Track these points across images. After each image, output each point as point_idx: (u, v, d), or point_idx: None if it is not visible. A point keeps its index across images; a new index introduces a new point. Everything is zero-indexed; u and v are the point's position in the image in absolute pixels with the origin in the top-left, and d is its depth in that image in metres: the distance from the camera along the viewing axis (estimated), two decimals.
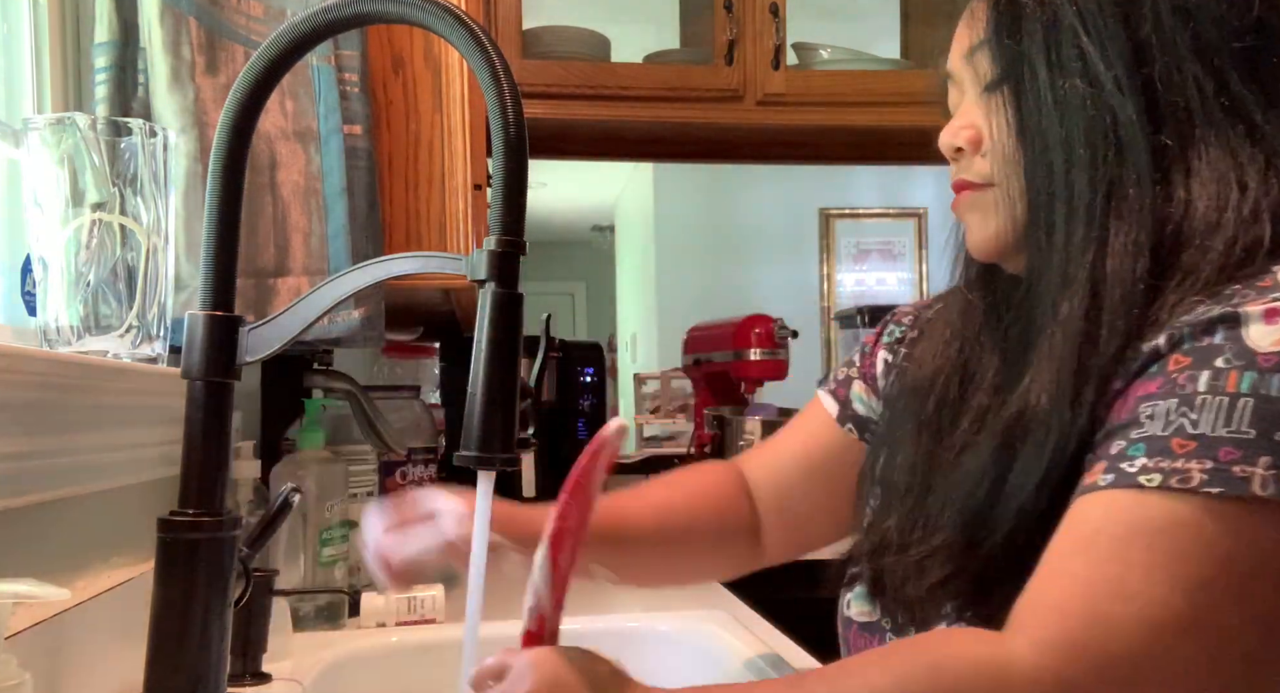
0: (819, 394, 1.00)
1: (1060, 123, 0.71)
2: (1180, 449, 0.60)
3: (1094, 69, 0.70)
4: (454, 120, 1.22)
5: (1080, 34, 0.70)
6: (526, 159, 0.61)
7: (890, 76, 2.00)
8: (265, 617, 0.99)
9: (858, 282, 5.40)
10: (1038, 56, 0.72)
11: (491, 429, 0.60)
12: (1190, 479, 0.59)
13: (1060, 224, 0.71)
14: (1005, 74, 0.74)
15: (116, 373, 0.81)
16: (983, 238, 0.79)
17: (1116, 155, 0.69)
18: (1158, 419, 0.62)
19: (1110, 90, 0.69)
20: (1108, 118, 0.69)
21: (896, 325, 0.97)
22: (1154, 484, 0.60)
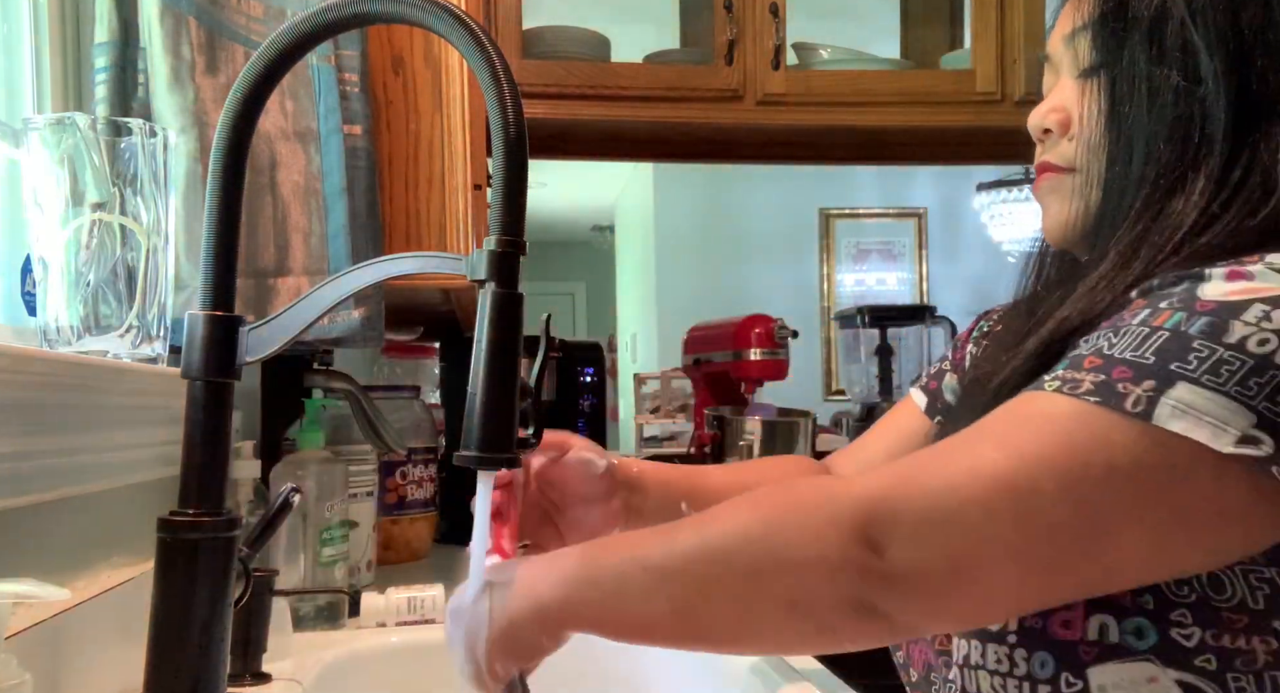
0: (910, 392, 1.01)
1: (1148, 114, 0.70)
2: (1088, 366, 0.61)
3: (1194, 63, 0.69)
4: (454, 120, 1.22)
5: (1189, 25, 0.70)
6: (526, 159, 0.61)
7: (890, 76, 2.00)
8: (265, 617, 0.99)
9: (858, 282, 5.40)
10: (1139, 44, 0.71)
11: (492, 429, 0.60)
12: (1079, 387, 0.60)
13: (1123, 219, 0.71)
14: (1104, 59, 0.74)
15: (116, 373, 0.81)
16: (1057, 222, 0.79)
17: (1194, 156, 0.69)
18: (1089, 343, 0.64)
19: (1208, 86, 0.69)
20: (1198, 114, 0.69)
21: (986, 321, 0.98)
22: (1051, 388, 0.62)
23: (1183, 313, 0.60)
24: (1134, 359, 0.60)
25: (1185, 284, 0.63)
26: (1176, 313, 0.61)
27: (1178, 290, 0.63)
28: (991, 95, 1.94)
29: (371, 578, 1.46)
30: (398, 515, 1.67)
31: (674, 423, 2.50)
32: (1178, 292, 0.62)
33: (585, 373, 2.11)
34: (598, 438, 2.11)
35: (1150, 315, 0.62)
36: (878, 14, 2.60)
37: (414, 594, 1.23)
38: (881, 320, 2.55)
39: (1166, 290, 0.63)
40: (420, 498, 1.71)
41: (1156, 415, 0.57)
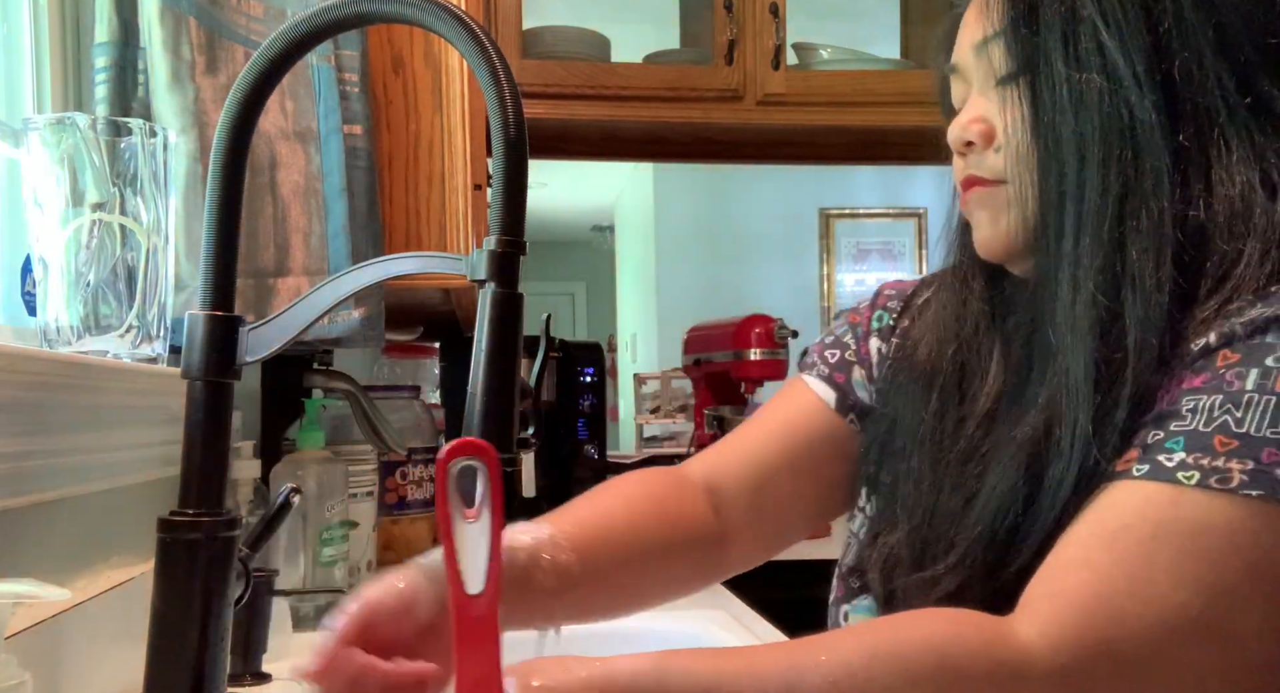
0: (805, 380, 0.91)
1: (1075, 119, 0.68)
2: (1221, 447, 0.58)
3: (1113, 64, 0.67)
4: (454, 120, 1.22)
5: (1100, 27, 0.68)
6: (526, 159, 0.61)
7: (890, 76, 2.00)
8: (265, 617, 0.99)
9: (858, 282, 5.40)
10: (1055, 49, 0.69)
11: (491, 429, 0.60)
12: (1230, 479, 0.57)
13: (1070, 227, 0.68)
14: (1021, 66, 0.71)
15: (116, 373, 0.81)
16: (991, 237, 0.76)
17: (1133, 155, 0.66)
18: (1200, 414, 0.60)
19: (1129, 86, 0.67)
20: (1125, 115, 0.67)
21: (884, 311, 0.91)
22: (1191, 481, 0.58)
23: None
24: (1277, 437, 0.57)
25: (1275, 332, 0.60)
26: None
27: (1272, 341, 0.60)
28: None
29: (371, 578, 1.46)
30: (398, 515, 1.67)
31: (674, 423, 2.50)
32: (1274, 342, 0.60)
33: (585, 373, 2.11)
34: (598, 438, 2.11)
35: (1262, 376, 0.59)
36: (878, 14, 2.60)
37: None
38: None
39: (1259, 341, 0.61)
40: (420, 498, 1.71)
41: None
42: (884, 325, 0.90)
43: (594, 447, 2.10)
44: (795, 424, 0.90)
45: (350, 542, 1.35)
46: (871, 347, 0.89)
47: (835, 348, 0.91)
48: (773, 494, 0.88)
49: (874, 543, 0.79)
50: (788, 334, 2.14)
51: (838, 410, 0.89)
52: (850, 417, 0.88)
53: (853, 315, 0.93)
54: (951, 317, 0.81)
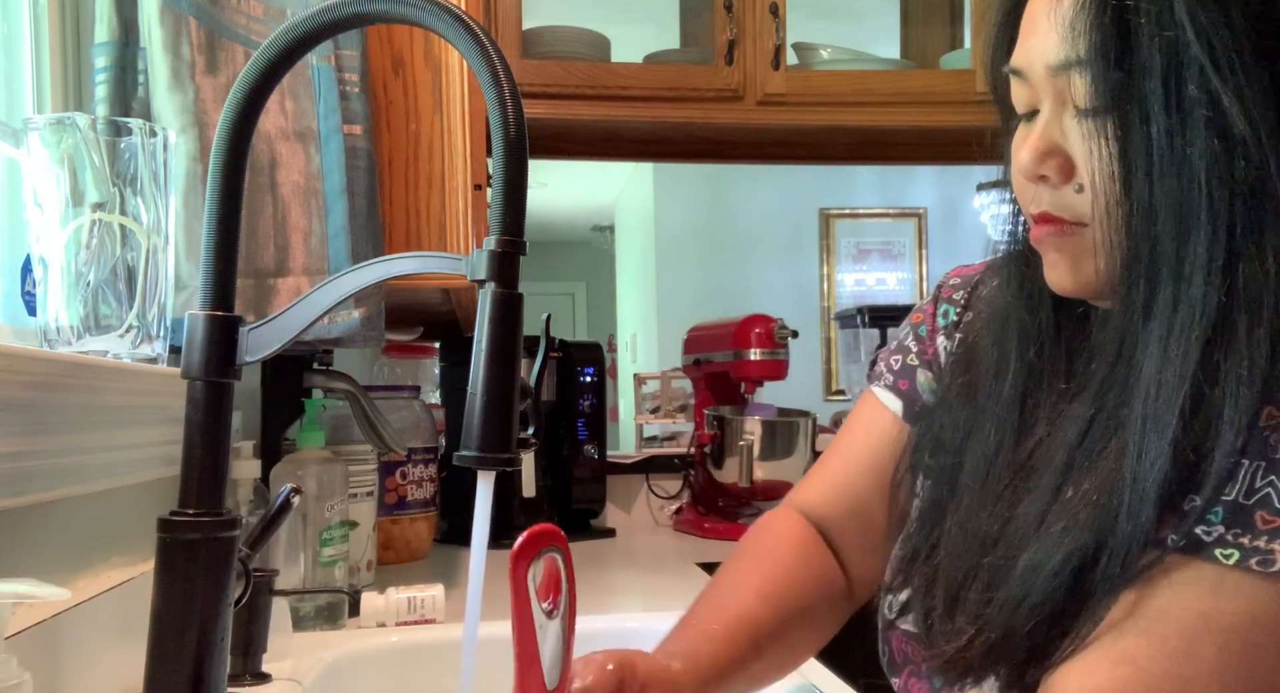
0: (873, 392, 0.89)
1: (1179, 180, 0.58)
2: (1264, 525, 0.55)
3: (1227, 120, 0.57)
4: (454, 120, 1.22)
5: (1210, 73, 0.57)
6: (526, 159, 0.61)
7: (890, 76, 2.00)
8: (265, 617, 0.99)
9: (858, 282, 5.40)
10: (1154, 95, 0.58)
11: (492, 429, 0.60)
12: (1273, 562, 0.54)
13: (1166, 297, 0.60)
14: (1108, 105, 0.61)
15: (116, 373, 0.81)
16: (1068, 280, 0.68)
17: (1246, 227, 0.57)
18: (1240, 483, 0.56)
19: (1246, 145, 0.57)
20: (1240, 179, 0.57)
21: (950, 304, 0.87)
22: (1231, 561, 0.55)
23: None
24: None
25: None
26: None
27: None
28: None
29: (371, 578, 1.46)
30: (398, 515, 1.67)
31: (674, 423, 2.50)
32: None
33: (585, 373, 2.11)
34: (598, 438, 2.11)
35: None
36: (878, 14, 2.60)
37: (414, 594, 1.23)
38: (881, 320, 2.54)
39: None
40: (420, 498, 1.71)
41: None
42: (949, 321, 0.86)
43: (594, 447, 2.10)
44: (872, 445, 0.89)
45: (350, 542, 1.35)
46: (939, 345, 0.87)
47: (899, 353, 0.90)
48: (870, 520, 0.88)
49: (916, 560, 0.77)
50: (788, 334, 2.14)
51: (906, 420, 0.87)
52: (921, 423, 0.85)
53: (916, 315, 0.90)
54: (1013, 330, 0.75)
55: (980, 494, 0.72)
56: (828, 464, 0.93)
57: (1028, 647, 0.63)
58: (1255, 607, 0.55)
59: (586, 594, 0.77)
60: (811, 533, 0.91)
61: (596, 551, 1.95)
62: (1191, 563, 0.56)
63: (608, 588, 1.57)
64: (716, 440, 2.10)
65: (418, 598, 1.23)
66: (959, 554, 0.71)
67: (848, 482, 0.90)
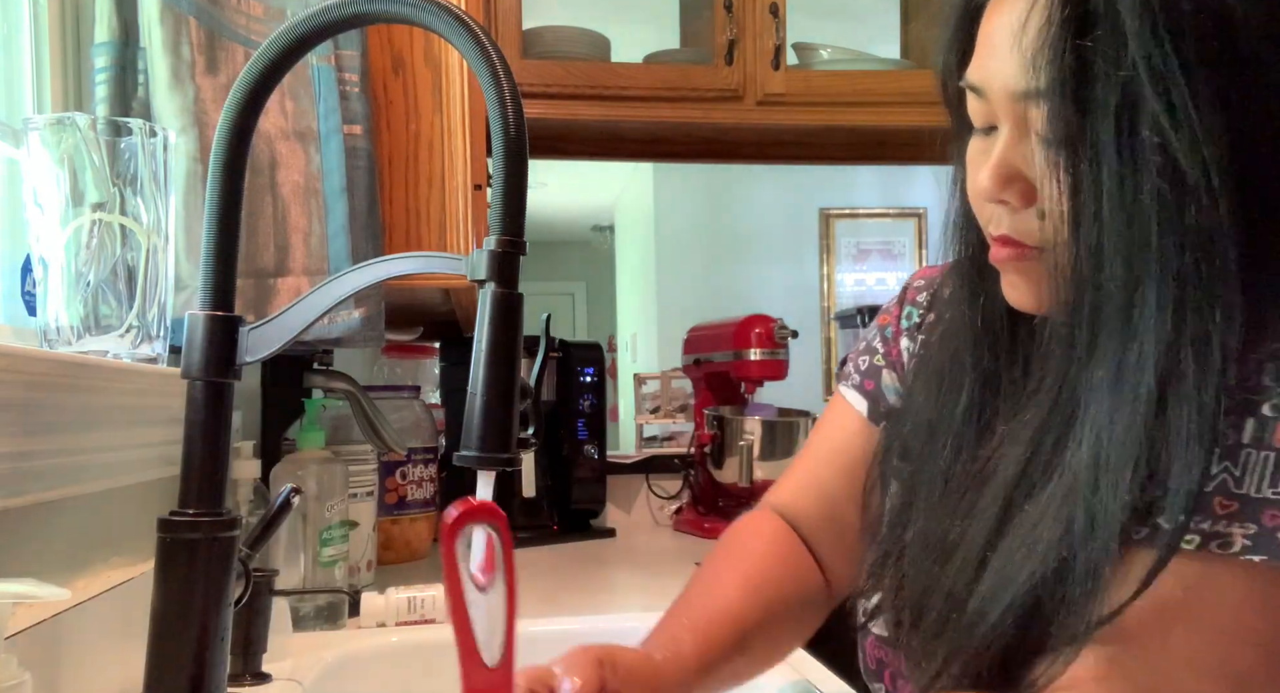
0: (841, 393, 0.91)
1: (1128, 226, 0.58)
2: (1221, 510, 0.56)
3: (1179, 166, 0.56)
4: (454, 120, 1.22)
5: (1162, 118, 0.56)
6: (527, 159, 0.61)
7: (890, 76, 2.00)
8: (265, 617, 0.99)
9: (858, 282, 5.40)
10: (1106, 136, 0.58)
11: (492, 429, 0.60)
12: (1231, 544, 0.56)
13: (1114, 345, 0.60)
14: (1063, 138, 0.60)
15: (116, 373, 0.81)
16: (1029, 302, 0.68)
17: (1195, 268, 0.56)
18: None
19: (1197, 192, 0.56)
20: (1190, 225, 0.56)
21: (913, 306, 0.88)
22: (1193, 547, 0.57)
23: None
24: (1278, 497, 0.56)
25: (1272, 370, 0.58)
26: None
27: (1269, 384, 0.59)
28: None
29: (371, 578, 1.46)
30: (398, 515, 1.67)
31: (674, 423, 2.50)
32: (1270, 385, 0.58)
33: (585, 373, 2.11)
34: (598, 438, 2.11)
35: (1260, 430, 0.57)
36: (878, 14, 2.60)
37: (414, 594, 1.23)
38: None
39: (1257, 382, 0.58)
40: (420, 498, 1.71)
41: None
42: (913, 323, 0.88)
43: (594, 447, 2.10)
44: (841, 444, 0.90)
45: (350, 542, 1.35)
46: (902, 346, 0.88)
47: (865, 354, 0.91)
48: (841, 519, 0.89)
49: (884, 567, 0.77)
50: (788, 334, 2.14)
51: (871, 419, 0.88)
52: (883, 424, 0.86)
53: (882, 316, 0.91)
54: (967, 324, 0.76)
55: (939, 504, 0.72)
56: (800, 465, 0.95)
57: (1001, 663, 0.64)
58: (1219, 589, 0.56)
59: (586, 594, 0.77)
60: (787, 531, 0.92)
61: (596, 551, 1.95)
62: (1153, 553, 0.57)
63: (608, 588, 1.57)
64: (716, 440, 2.10)
65: (418, 598, 1.23)
66: (920, 562, 0.72)
67: (819, 482, 0.91)
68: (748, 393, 2.20)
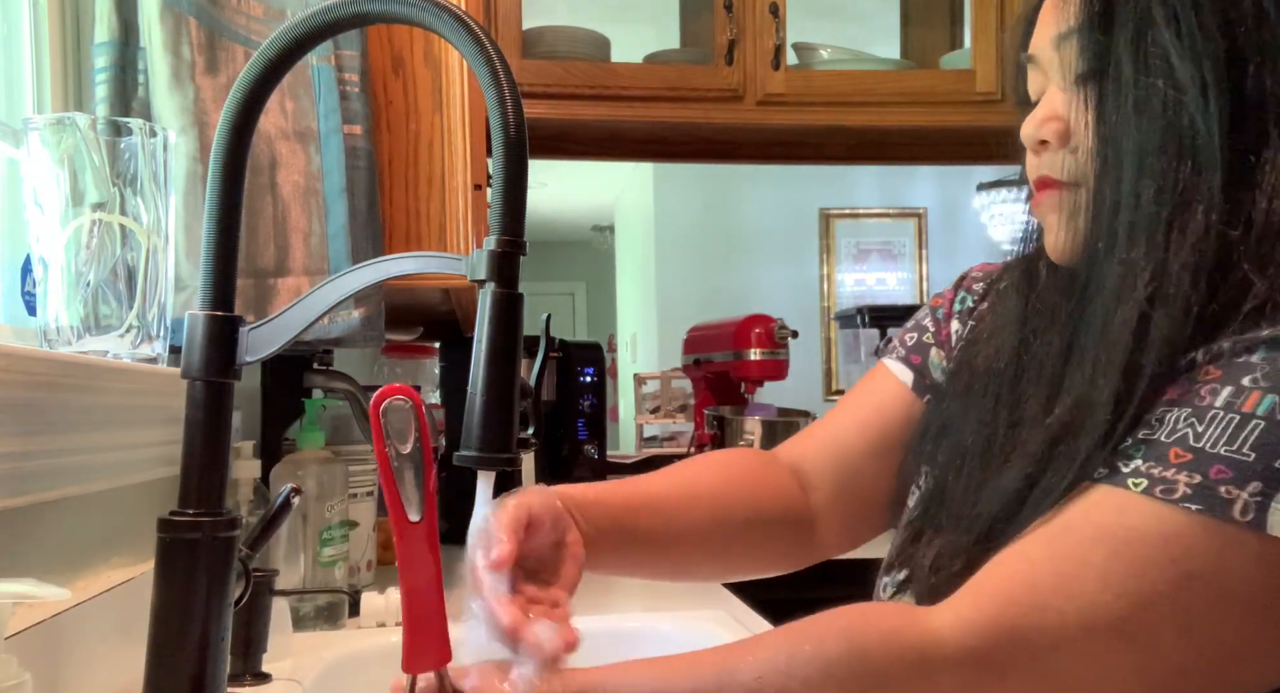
0: (885, 364, 0.92)
1: (1137, 127, 0.65)
2: (1175, 459, 0.59)
3: (1179, 71, 0.64)
4: (454, 120, 1.22)
5: (1168, 32, 0.64)
6: (527, 159, 0.61)
7: (890, 76, 2.00)
8: (265, 617, 0.99)
9: (858, 282, 5.40)
10: (1125, 53, 0.66)
11: (492, 429, 0.60)
12: (1174, 491, 0.58)
13: (1122, 237, 0.66)
14: (1091, 68, 0.68)
15: (116, 373, 0.81)
16: (1065, 241, 0.72)
17: (1191, 168, 0.64)
18: (1166, 425, 0.60)
19: (1192, 96, 0.64)
20: (1187, 125, 0.64)
21: (969, 293, 0.90)
22: (1139, 489, 0.59)
23: (1273, 397, 0.57)
24: (1231, 455, 0.57)
25: (1263, 352, 0.59)
26: (1267, 396, 0.57)
27: (1257, 361, 0.59)
28: (991, 95, 1.94)
29: (371, 578, 1.46)
30: None
31: (674, 423, 2.50)
32: (1258, 363, 0.59)
33: (585, 373, 2.11)
34: (598, 438, 2.11)
35: (1234, 395, 0.58)
36: (878, 14, 2.60)
37: None
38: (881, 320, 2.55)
39: (1244, 360, 0.60)
40: None
41: (1270, 524, 0.55)
42: (965, 307, 0.90)
43: (594, 447, 2.10)
44: (874, 405, 0.91)
45: (350, 542, 1.35)
46: (952, 328, 0.90)
47: (914, 331, 0.92)
48: (854, 474, 0.89)
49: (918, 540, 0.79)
50: (788, 334, 2.14)
51: (915, 391, 0.89)
52: (927, 398, 0.88)
53: (935, 298, 0.94)
54: (1015, 316, 0.79)
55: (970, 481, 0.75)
56: (818, 423, 0.96)
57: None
58: (1150, 526, 0.58)
59: (586, 594, 0.77)
60: (770, 459, 0.92)
61: None
62: (1105, 489, 0.61)
63: (607, 588, 1.56)
64: (716, 440, 2.11)
65: None
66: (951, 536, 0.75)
67: (835, 431, 0.92)
68: (748, 393, 2.20)
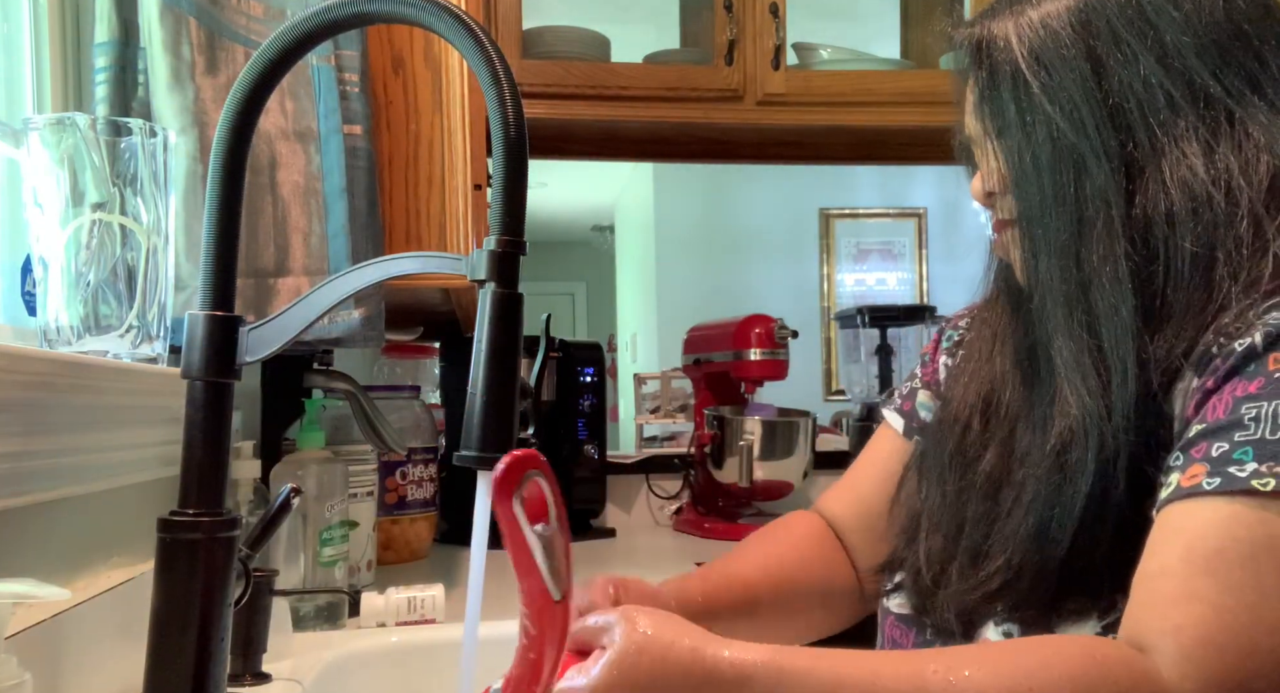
0: (886, 416, 1.02)
1: (1033, 159, 0.77)
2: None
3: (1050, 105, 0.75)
4: (454, 120, 1.22)
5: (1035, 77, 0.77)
6: (527, 159, 0.61)
7: (890, 76, 2.00)
8: (265, 617, 0.99)
9: (858, 282, 5.40)
10: (1009, 103, 0.79)
11: (492, 429, 0.60)
12: None
13: (1044, 250, 0.76)
14: (996, 124, 0.81)
15: (116, 373, 0.81)
16: (1021, 268, 0.82)
17: (1077, 181, 0.74)
18: (1264, 421, 0.60)
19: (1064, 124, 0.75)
20: (1068, 145, 0.75)
21: (954, 330, 0.99)
22: (1269, 489, 0.58)
23: None
24: None
25: None
26: None
27: None
28: None
29: (371, 578, 1.46)
30: (398, 515, 1.67)
31: (674, 423, 2.50)
32: None
33: (585, 373, 2.10)
34: (598, 438, 2.11)
35: None
36: (878, 14, 2.60)
37: (414, 594, 1.23)
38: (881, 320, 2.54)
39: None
40: (420, 498, 1.71)
41: None
42: (951, 342, 0.98)
43: (594, 447, 2.10)
44: (881, 457, 1.00)
45: (350, 542, 1.35)
46: (940, 363, 0.98)
47: (908, 381, 1.03)
48: (877, 525, 0.96)
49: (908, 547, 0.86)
50: (788, 334, 2.14)
51: (905, 435, 0.98)
52: (915, 438, 0.97)
53: (926, 346, 1.04)
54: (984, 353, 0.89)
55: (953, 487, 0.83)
56: (845, 477, 1.06)
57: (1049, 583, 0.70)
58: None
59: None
60: (821, 528, 1.02)
61: (596, 551, 1.95)
62: (1233, 500, 0.59)
63: None
64: (716, 440, 2.10)
65: (418, 598, 1.23)
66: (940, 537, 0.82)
67: (857, 490, 1.02)
68: (748, 393, 2.20)
